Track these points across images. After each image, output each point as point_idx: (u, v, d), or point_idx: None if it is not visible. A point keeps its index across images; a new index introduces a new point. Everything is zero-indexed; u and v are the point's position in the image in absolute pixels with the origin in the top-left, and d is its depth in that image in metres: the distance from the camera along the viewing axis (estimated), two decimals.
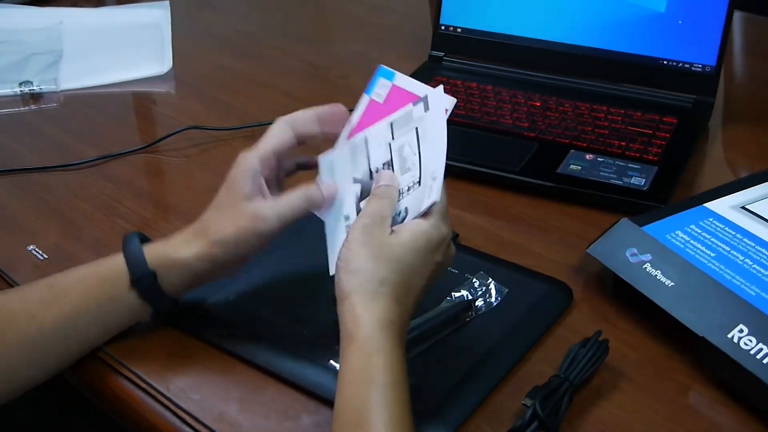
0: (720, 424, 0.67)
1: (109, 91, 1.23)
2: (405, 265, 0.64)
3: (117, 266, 0.71)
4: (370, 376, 0.59)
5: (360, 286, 0.63)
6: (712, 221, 0.81)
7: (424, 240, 0.65)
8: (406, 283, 0.64)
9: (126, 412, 0.72)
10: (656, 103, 1.09)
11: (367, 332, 0.61)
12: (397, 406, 0.59)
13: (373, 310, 0.62)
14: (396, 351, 0.61)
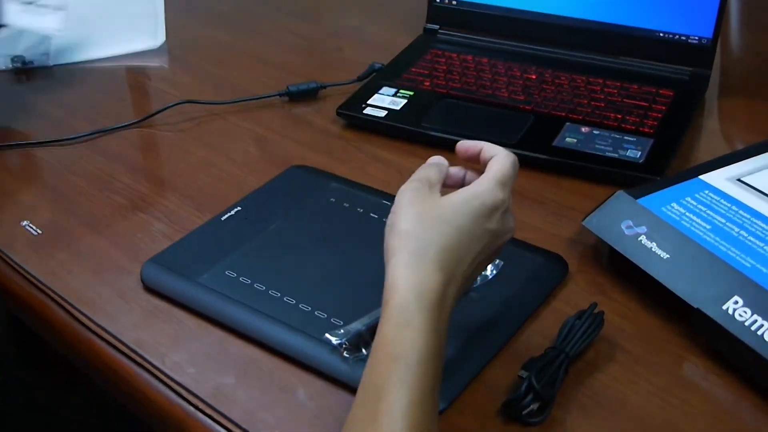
0: (714, 394, 0.67)
1: (102, 65, 1.22)
2: (453, 228, 0.60)
3: None
4: (396, 351, 0.56)
5: (402, 247, 0.59)
6: (707, 193, 0.80)
7: (478, 203, 0.61)
8: (454, 248, 0.60)
9: (121, 386, 0.72)
10: (652, 76, 1.09)
11: (400, 300, 0.57)
12: (418, 391, 0.55)
13: (412, 275, 0.58)
14: (428, 325, 0.57)
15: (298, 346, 0.70)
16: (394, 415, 0.54)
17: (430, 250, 0.59)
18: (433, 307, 0.58)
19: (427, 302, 0.58)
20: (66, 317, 0.76)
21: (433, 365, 0.57)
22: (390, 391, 0.55)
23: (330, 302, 0.74)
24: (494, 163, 0.65)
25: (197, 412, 0.67)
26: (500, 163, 0.65)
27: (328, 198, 0.88)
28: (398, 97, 1.07)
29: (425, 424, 0.55)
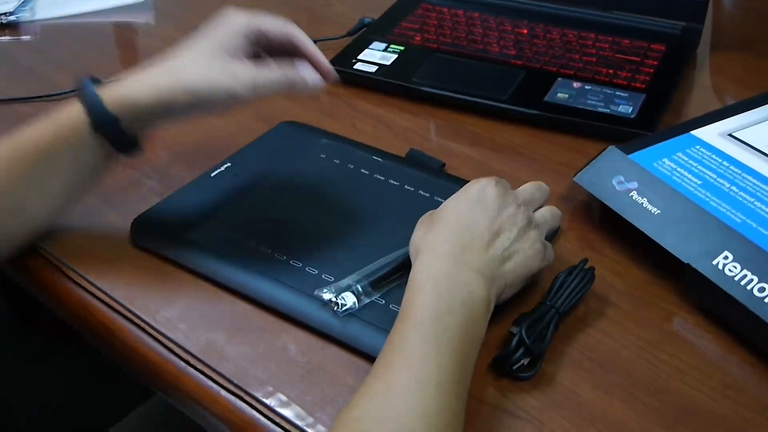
0: (704, 349, 0.68)
1: (88, 20, 1.20)
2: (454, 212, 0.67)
3: (74, 114, 0.70)
4: (410, 313, 0.60)
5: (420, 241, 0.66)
6: (699, 149, 0.80)
7: (463, 194, 0.69)
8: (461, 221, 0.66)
9: (113, 342, 0.72)
10: (644, 30, 1.08)
11: (413, 276, 0.63)
12: (436, 343, 0.58)
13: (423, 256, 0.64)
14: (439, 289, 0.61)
15: (289, 302, 0.70)
16: (411, 365, 0.56)
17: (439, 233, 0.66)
18: (439, 272, 0.62)
19: (434, 269, 0.63)
20: (56, 274, 0.76)
21: (446, 321, 0.59)
22: (406, 346, 0.58)
23: (321, 258, 0.73)
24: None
25: (188, 367, 0.67)
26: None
27: (318, 154, 0.87)
28: (389, 52, 1.06)
29: (444, 375, 0.57)
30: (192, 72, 0.70)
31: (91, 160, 0.72)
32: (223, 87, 0.69)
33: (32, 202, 0.71)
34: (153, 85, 0.70)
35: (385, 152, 0.87)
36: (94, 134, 0.70)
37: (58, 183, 0.72)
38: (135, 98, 0.70)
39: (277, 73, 0.71)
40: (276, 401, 0.64)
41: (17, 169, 0.70)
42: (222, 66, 0.69)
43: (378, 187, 0.82)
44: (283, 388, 0.64)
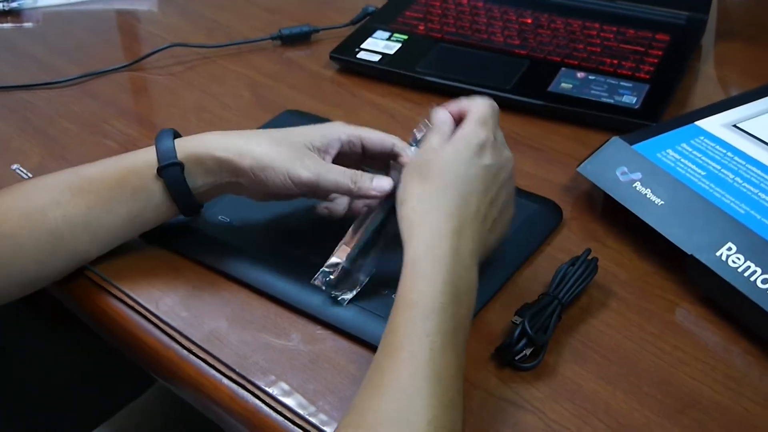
0: (706, 340, 0.68)
1: (90, 7, 1.20)
2: (450, 177, 0.63)
3: (145, 156, 0.70)
4: (413, 301, 0.58)
5: (410, 212, 0.62)
6: (702, 139, 0.80)
7: (463, 146, 0.64)
8: (456, 194, 0.63)
9: (115, 330, 0.72)
10: (649, 20, 1.07)
11: (413, 255, 0.60)
12: (440, 336, 0.56)
13: (423, 232, 0.61)
14: (442, 274, 0.59)
15: (290, 291, 0.70)
16: (416, 362, 0.55)
17: (436, 202, 0.62)
18: (444, 255, 0.60)
19: (438, 251, 0.60)
20: None
21: (451, 312, 0.58)
22: (411, 339, 0.56)
23: (323, 248, 0.73)
24: (471, 108, 0.67)
25: (190, 355, 0.67)
26: (476, 106, 0.67)
27: None
28: (392, 41, 1.06)
29: (448, 371, 0.56)
30: (265, 144, 0.69)
31: (149, 209, 0.71)
32: (284, 164, 0.67)
33: (82, 243, 0.70)
34: (225, 143, 0.69)
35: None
36: (156, 179, 0.69)
37: (111, 231, 0.71)
38: (204, 150, 0.69)
39: (345, 170, 0.69)
40: (278, 390, 0.64)
41: (76, 204, 0.69)
42: (290, 149, 0.68)
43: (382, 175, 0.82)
44: (286, 377, 0.64)
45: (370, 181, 0.68)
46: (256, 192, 0.71)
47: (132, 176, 0.70)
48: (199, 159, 0.69)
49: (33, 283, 0.71)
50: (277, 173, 0.68)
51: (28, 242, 0.68)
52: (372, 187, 0.68)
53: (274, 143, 0.69)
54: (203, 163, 0.69)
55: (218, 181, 0.70)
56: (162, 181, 0.69)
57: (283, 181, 0.68)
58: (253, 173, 0.68)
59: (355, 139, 0.71)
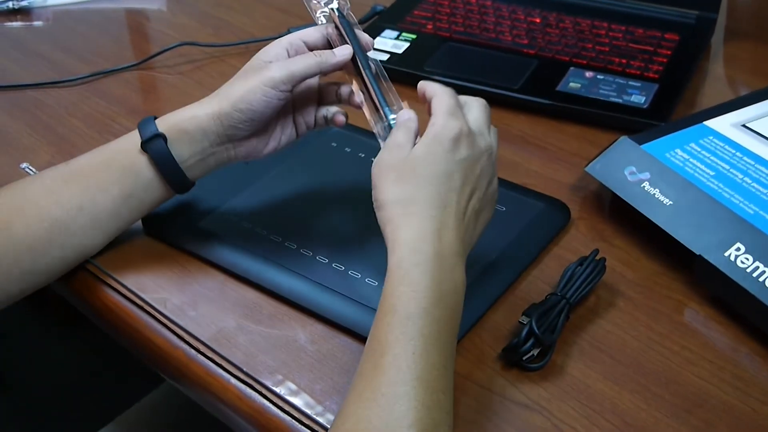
0: (714, 340, 0.67)
1: (100, 6, 1.20)
2: (427, 176, 0.61)
3: (130, 137, 0.72)
4: (395, 306, 0.57)
5: (391, 215, 0.60)
6: (711, 139, 0.80)
7: (437, 143, 0.61)
8: (434, 194, 0.60)
9: (123, 329, 0.72)
10: (658, 20, 1.07)
11: (395, 260, 0.59)
12: (422, 340, 0.55)
13: (403, 235, 0.59)
14: (425, 277, 0.57)
15: (298, 291, 0.70)
16: (399, 367, 0.54)
17: (414, 206, 0.60)
18: (427, 259, 0.58)
19: (421, 255, 0.58)
20: None
21: (435, 315, 0.57)
22: (393, 344, 0.55)
23: (331, 247, 0.74)
24: (435, 101, 0.65)
25: (198, 355, 0.67)
26: (440, 98, 0.65)
27: (329, 143, 0.87)
28: (400, 40, 1.06)
29: (432, 373, 0.55)
30: (229, 87, 0.71)
31: (140, 186, 0.72)
32: (257, 84, 0.69)
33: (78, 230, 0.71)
34: (200, 104, 0.72)
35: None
36: (141, 153, 0.71)
37: (105, 212, 0.71)
38: (180, 117, 0.72)
39: (307, 53, 0.72)
40: (286, 389, 0.64)
41: (69, 190, 0.70)
42: (254, 72, 0.70)
43: None
44: (293, 377, 0.65)
45: (332, 53, 0.71)
46: (246, 137, 0.72)
47: (119, 156, 0.72)
48: (182, 128, 0.71)
49: (27, 278, 0.70)
50: (255, 91, 0.70)
51: (21, 231, 0.69)
52: (336, 55, 0.71)
53: (236, 79, 0.72)
54: (186, 131, 0.71)
55: (205, 147, 0.72)
56: (148, 156, 0.71)
57: (264, 92, 0.69)
58: (236, 108, 0.70)
59: (293, 40, 0.72)
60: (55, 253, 0.71)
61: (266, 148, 0.74)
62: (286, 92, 0.70)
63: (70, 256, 0.72)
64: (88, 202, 0.70)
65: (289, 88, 0.70)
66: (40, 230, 0.69)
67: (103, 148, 0.73)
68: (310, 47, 0.73)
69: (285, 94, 0.70)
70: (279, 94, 0.70)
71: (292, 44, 0.72)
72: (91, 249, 0.73)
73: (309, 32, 0.73)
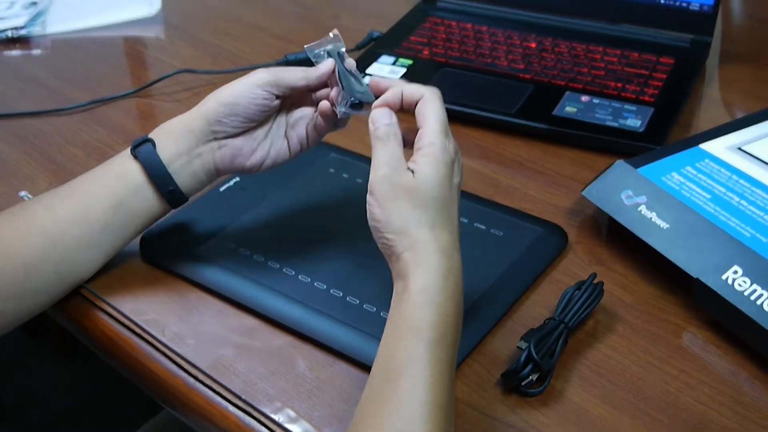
0: (714, 364, 0.67)
1: (98, 34, 1.21)
2: (440, 199, 0.61)
3: (123, 151, 0.74)
4: (418, 328, 0.57)
5: (414, 240, 0.60)
6: (707, 162, 0.80)
7: (443, 166, 0.62)
8: (448, 218, 0.62)
9: (120, 357, 0.72)
10: (653, 44, 1.08)
11: (422, 285, 0.59)
12: (439, 365, 0.56)
13: (428, 262, 0.59)
14: (448, 305, 0.59)
15: (297, 317, 0.70)
16: (415, 389, 0.55)
17: (435, 232, 0.61)
18: (450, 285, 0.59)
19: (448, 282, 0.59)
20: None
21: (451, 340, 0.58)
22: (411, 367, 0.56)
23: (329, 274, 0.74)
24: (429, 114, 0.65)
25: (197, 383, 0.67)
26: (434, 112, 0.65)
27: (326, 168, 0.88)
28: (397, 65, 1.06)
29: (444, 397, 0.56)
30: (217, 90, 0.73)
31: (130, 194, 0.72)
32: (243, 87, 0.71)
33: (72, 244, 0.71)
34: (187, 112, 0.74)
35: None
36: (131, 159, 0.72)
37: (96, 221, 0.72)
38: (170, 123, 0.74)
39: (294, 68, 0.73)
40: (284, 417, 0.64)
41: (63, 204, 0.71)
42: (239, 80, 0.73)
43: None
44: (292, 404, 0.64)
45: (315, 69, 0.73)
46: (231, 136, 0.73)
47: (112, 165, 0.74)
48: (167, 129, 0.74)
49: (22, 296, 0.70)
50: (241, 88, 0.71)
51: (16, 245, 0.69)
52: (318, 69, 0.73)
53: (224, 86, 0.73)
54: (171, 130, 0.73)
55: (191, 146, 0.73)
56: (137, 161, 0.72)
57: (250, 90, 0.71)
58: (221, 103, 0.72)
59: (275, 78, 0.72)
60: (49, 269, 0.71)
61: (253, 156, 0.74)
62: (271, 94, 0.71)
63: (65, 272, 0.72)
64: (80, 215, 0.71)
65: (274, 92, 0.72)
66: (34, 245, 0.70)
67: (101, 165, 0.75)
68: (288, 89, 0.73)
69: (270, 95, 0.72)
70: (264, 93, 0.71)
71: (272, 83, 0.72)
72: (86, 266, 0.73)
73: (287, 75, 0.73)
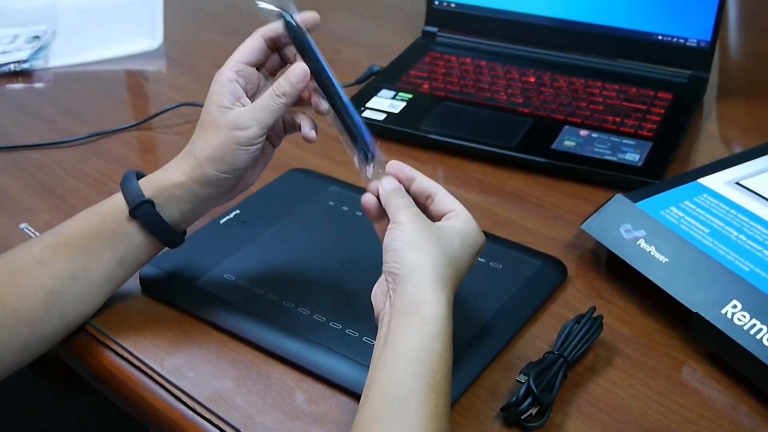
0: (713, 399, 0.67)
1: (100, 68, 1.22)
2: (459, 253, 0.64)
3: (116, 201, 0.72)
4: (428, 358, 0.58)
5: (430, 265, 0.61)
6: (706, 197, 0.80)
7: (474, 240, 0.66)
8: (458, 271, 0.64)
9: (119, 389, 0.72)
10: (651, 79, 1.09)
11: (435, 312, 0.60)
12: (443, 395, 0.58)
13: (442, 292, 0.61)
14: (449, 337, 0.60)
15: (296, 350, 0.70)
16: (425, 415, 0.56)
17: (451, 271, 0.63)
18: (450, 323, 0.61)
19: (450, 320, 0.61)
20: None
21: (450, 377, 0.60)
22: (419, 393, 0.57)
23: (328, 306, 0.74)
24: (455, 203, 0.68)
25: (196, 416, 0.67)
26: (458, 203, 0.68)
27: (326, 201, 0.88)
28: (397, 99, 1.07)
29: (446, 428, 0.58)
30: (202, 144, 0.71)
31: (132, 249, 0.72)
32: (230, 141, 0.70)
33: (74, 297, 0.71)
34: (178, 166, 0.72)
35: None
36: (131, 220, 0.71)
37: (99, 276, 0.72)
38: (166, 182, 0.72)
39: (265, 96, 0.71)
40: None
41: (60, 260, 0.70)
42: (222, 125, 0.70)
43: None
44: None
45: (286, 80, 0.70)
46: (232, 184, 0.73)
47: (107, 223, 0.72)
48: (170, 194, 0.72)
49: (29, 347, 0.70)
50: (234, 152, 0.70)
51: (18, 303, 0.69)
52: (293, 83, 0.69)
53: (209, 139, 0.70)
54: (175, 195, 0.72)
55: (196, 205, 0.73)
56: (137, 222, 0.71)
57: (244, 151, 0.70)
58: (219, 170, 0.70)
59: (236, 67, 0.71)
60: (55, 322, 0.71)
61: (253, 179, 0.76)
62: (262, 140, 0.71)
63: (71, 321, 0.72)
64: (80, 270, 0.71)
65: (263, 136, 0.71)
66: (37, 302, 0.69)
67: (89, 213, 0.73)
68: (255, 65, 0.73)
69: (262, 142, 0.71)
70: (257, 146, 0.71)
71: (238, 72, 0.72)
72: (89, 311, 0.73)
73: (246, 52, 0.72)
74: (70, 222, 0.73)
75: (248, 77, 0.72)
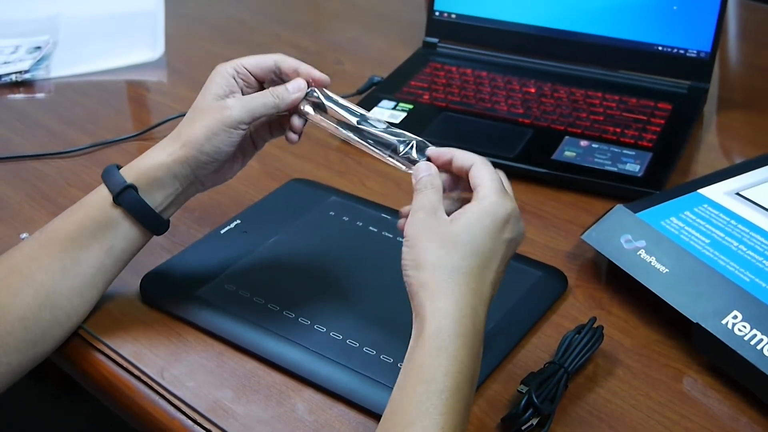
0: (714, 410, 0.67)
1: (101, 78, 1.22)
2: (474, 249, 0.60)
3: (100, 192, 0.73)
4: (432, 377, 0.57)
5: (430, 279, 0.60)
6: (706, 207, 0.81)
7: (490, 220, 0.61)
8: (479, 267, 0.61)
9: (119, 398, 0.72)
10: (651, 90, 1.09)
11: (434, 329, 0.58)
12: (452, 416, 0.56)
13: (443, 304, 0.59)
14: (464, 350, 0.58)
15: (296, 360, 0.70)
16: None
17: (458, 276, 0.60)
18: (467, 332, 0.59)
19: (462, 328, 0.58)
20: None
21: (466, 390, 0.58)
22: (423, 416, 0.55)
23: (329, 316, 0.74)
24: (483, 175, 0.65)
25: (195, 426, 0.67)
26: (485, 171, 0.65)
27: (327, 211, 0.88)
28: (398, 110, 1.07)
29: None
30: (188, 128, 0.72)
31: (119, 238, 0.72)
32: (216, 122, 0.71)
33: (65, 290, 0.71)
34: (162, 148, 0.73)
35: (394, 210, 0.87)
36: (115, 207, 0.71)
37: (89, 267, 0.72)
38: (147, 164, 0.72)
39: (264, 91, 0.73)
40: None
41: (49, 255, 0.71)
42: (210, 108, 0.72)
43: (386, 244, 0.83)
44: None
45: (285, 89, 0.72)
46: (213, 172, 0.74)
47: (92, 212, 0.72)
48: (152, 176, 0.72)
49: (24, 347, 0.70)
50: (218, 134, 0.71)
51: (8, 300, 0.69)
52: (290, 91, 0.72)
53: (196, 121, 0.72)
54: (156, 177, 0.72)
55: (177, 189, 0.73)
56: (121, 209, 0.72)
57: (228, 134, 0.71)
58: (201, 152, 0.71)
59: (238, 68, 0.73)
60: (46, 317, 0.70)
61: (230, 172, 0.77)
62: (246, 129, 0.72)
63: (63, 318, 0.72)
64: (70, 263, 0.71)
65: (249, 125, 0.72)
66: (27, 297, 0.69)
67: (75, 207, 0.73)
68: (255, 76, 0.74)
69: (246, 130, 0.72)
70: (240, 132, 0.72)
71: (239, 72, 0.73)
72: (82, 307, 0.73)
73: (252, 61, 0.74)
74: (57, 218, 0.74)
75: (246, 80, 0.74)
